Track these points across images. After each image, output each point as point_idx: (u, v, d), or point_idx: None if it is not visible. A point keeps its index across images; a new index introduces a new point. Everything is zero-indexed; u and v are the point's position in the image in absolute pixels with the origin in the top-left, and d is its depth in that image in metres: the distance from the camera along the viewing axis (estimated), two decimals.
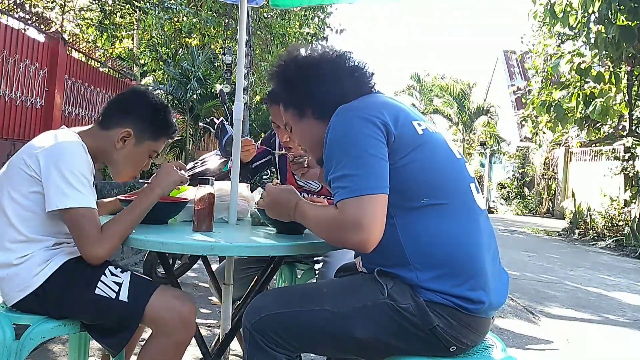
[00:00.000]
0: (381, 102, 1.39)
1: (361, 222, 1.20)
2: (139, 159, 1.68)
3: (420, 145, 1.32)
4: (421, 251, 1.27)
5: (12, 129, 5.44)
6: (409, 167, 1.29)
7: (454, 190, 1.33)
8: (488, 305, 1.29)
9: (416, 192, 1.29)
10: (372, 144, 1.27)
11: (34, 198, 1.47)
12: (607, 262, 7.23)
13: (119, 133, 1.61)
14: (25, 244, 1.48)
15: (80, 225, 1.42)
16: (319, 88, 1.43)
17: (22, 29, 5.84)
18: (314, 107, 1.45)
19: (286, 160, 2.38)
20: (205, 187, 1.57)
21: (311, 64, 1.47)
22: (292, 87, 1.48)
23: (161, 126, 1.68)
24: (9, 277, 1.47)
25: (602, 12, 7.22)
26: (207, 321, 3.23)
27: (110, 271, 1.51)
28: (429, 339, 1.26)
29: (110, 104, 1.70)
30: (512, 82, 20.26)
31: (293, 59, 1.50)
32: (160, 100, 1.72)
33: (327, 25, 14.20)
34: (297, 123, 1.50)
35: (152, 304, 1.47)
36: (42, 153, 1.45)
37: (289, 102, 1.51)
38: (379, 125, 1.29)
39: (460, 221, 1.30)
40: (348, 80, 1.44)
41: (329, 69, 1.45)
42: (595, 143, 11.22)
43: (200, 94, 9.82)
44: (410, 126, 1.34)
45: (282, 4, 2.74)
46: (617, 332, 3.70)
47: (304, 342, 1.32)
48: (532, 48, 11.72)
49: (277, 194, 1.48)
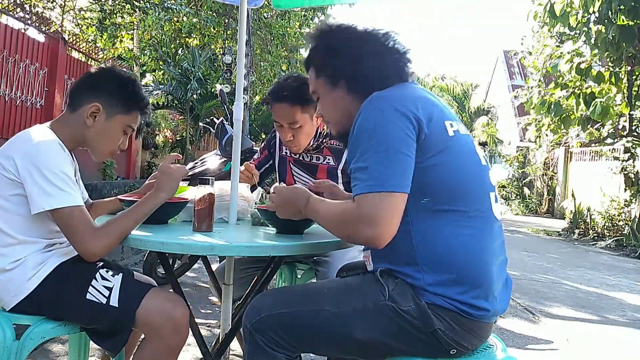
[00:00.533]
0: (418, 96, 1.35)
1: (377, 217, 1.19)
2: (112, 134, 1.64)
3: (448, 148, 1.29)
4: (432, 254, 1.26)
5: (12, 129, 5.43)
6: (433, 169, 1.27)
7: (474, 198, 1.31)
8: (492, 312, 1.29)
9: (435, 195, 1.27)
10: (402, 139, 1.24)
11: (16, 200, 1.45)
12: (607, 262, 7.23)
13: (87, 109, 1.58)
14: (17, 246, 1.47)
15: (71, 224, 1.41)
16: (362, 62, 1.38)
17: (22, 29, 5.84)
18: (350, 80, 1.41)
19: (286, 162, 2.37)
20: (205, 187, 1.56)
21: (359, 36, 1.42)
22: (334, 55, 1.42)
23: (131, 99, 1.64)
24: (2, 282, 1.46)
25: (602, 11, 7.21)
26: (207, 321, 3.23)
27: (101, 275, 1.50)
28: (430, 341, 1.26)
29: (76, 83, 1.66)
30: (512, 82, 20.27)
31: (341, 27, 1.45)
32: (128, 73, 1.69)
33: None
34: (328, 93, 1.46)
35: (143, 309, 1.45)
36: (18, 155, 1.44)
37: (325, 70, 1.45)
38: (412, 120, 1.25)
39: (475, 229, 1.28)
40: (391, 61, 1.40)
41: (375, 45, 1.41)
42: (595, 143, 11.21)
43: (201, 94, 9.83)
44: (442, 126, 1.31)
45: (284, 5, 2.76)
46: (617, 332, 3.69)
47: (304, 342, 1.31)
48: (531, 50, 11.73)
49: (288, 193, 1.47)
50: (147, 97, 1.71)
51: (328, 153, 2.27)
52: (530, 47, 11.86)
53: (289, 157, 2.35)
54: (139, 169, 9.82)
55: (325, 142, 2.27)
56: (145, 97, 1.69)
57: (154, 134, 11.10)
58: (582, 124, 9.28)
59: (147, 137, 10.54)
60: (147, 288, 1.52)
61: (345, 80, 1.42)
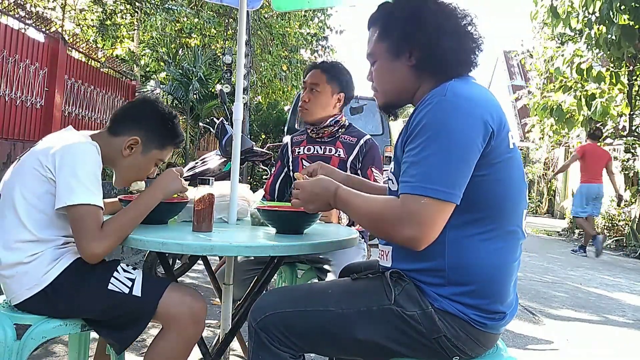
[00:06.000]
0: (491, 100, 1.26)
1: (422, 221, 1.14)
2: (144, 166, 1.71)
3: (505, 160, 1.23)
4: (461, 267, 1.23)
5: (12, 129, 5.43)
6: (484, 180, 1.21)
7: (512, 215, 1.27)
8: (502, 324, 1.29)
9: (477, 208, 1.22)
10: (469, 147, 1.16)
11: (46, 199, 1.48)
12: (607, 262, 7.23)
13: (127, 141, 1.63)
14: (35, 243, 1.48)
15: (83, 220, 1.42)
16: (440, 40, 1.26)
17: (22, 29, 5.84)
18: (419, 55, 1.30)
19: (298, 160, 2.40)
20: (205, 187, 1.57)
21: (443, 10, 1.30)
22: (411, 23, 1.29)
23: (169, 135, 1.71)
24: (18, 275, 1.47)
25: (603, 12, 7.21)
26: (207, 321, 3.21)
27: (122, 268, 1.54)
28: (433, 347, 1.25)
29: (120, 111, 1.73)
30: (512, 82, 20.27)
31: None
32: (169, 109, 1.74)
33: (327, 26, 14.22)
34: (387, 61, 1.35)
35: (165, 299, 1.50)
36: (59, 153, 1.47)
37: (393, 35, 1.32)
38: (486, 129, 1.18)
39: (506, 245, 1.27)
40: (469, 48, 1.30)
41: (456, 25, 1.30)
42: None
43: (201, 94, 9.83)
44: (506, 138, 1.23)
45: (284, 7, 2.77)
46: (617, 332, 3.69)
47: (307, 342, 1.31)
48: (532, 51, 11.74)
49: (312, 186, 1.40)
50: (182, 133, 1.77)
51: (340, 146, 2.34)
52: (531, 48, 11.88)
53: (301, 155, 2.41)
54: None
55: (340, 133, 2.36)
56: (182, 134, 1.76)
57: None
58: (585, 125, 9.28)
59: None
60: (167, 281, 1.57)
61: (413, 55, 1.31)
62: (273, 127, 15.33)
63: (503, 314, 1.28)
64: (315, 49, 14.98)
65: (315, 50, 15.08)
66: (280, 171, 2.49)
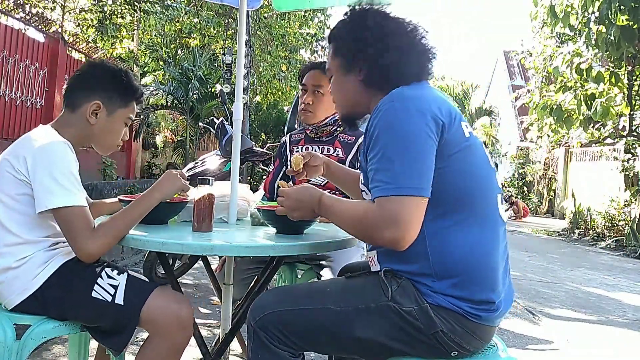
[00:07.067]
0: (439, 97, 1.31)
1: (399, 220, 1.18)
2: (115, 128, 1.67)
3: (463, 149, 1.27)
4: (444, 259, 1.25)
5: (12, 129, 5.44)
6: (446, 171, 1.25)
7: (484, 201, 1.30)
8: (496, 315, 1.29)
9: (446, 199, 1.25)
10: (424, 141, 1.21)
11: (24, 200, 1.46)
12: (607, 262, 7.23)
13: (89, 108, 1.60)
14: (23, 245, 1.47)
15: (71, 222, 1.41)
16: (384, 57, 1.33)
17: (22, 29, 5.84)
18: (366, 71, 1.37)
19: None
20: (205, 187, 1.57)
21: (390, 26, 1.36)
22: (359, 40, 1.36)
23: (127, 91, 1.67)
24: (8, 280, 1.46)
25: (603, 12, 7.22)
26: (207, 321, 3.23)
27: (107, 273, 1.50)
28: (431, 342, 1.25)
29: (71, 82, 1.67)
30: (512, 82, 20.28)
31: (376, 11, 1.39)
32: (118, 66, 1.71)
33: (327, 26, 14.21)
34: (340, 76, 1.43)
35: (149, 307, 1.46)
36: (30, 155, 1.45)
37: (344, 52, 1.40)
38: (438, 122, 1.23)
39: (484, 233, 1.28)
40: (414, 58, 1.35)
41: (402, 39, 1.35)
42: (595, 143, 11.22)
43: (201, 94, 9.83)
44: (460, 128, 1.28)
45: (285, 7, 2.77)
46: (617, 332, 3.70)
47: (306, 341, 1.32)
48: (532, 51, 11.74)
49: (297, 194, 1.43)
50: (140, 86, 1.73)
51: (338, 145, 2.33)
52: (531, 47, 11.88)
53: None
54: (139, 169, 9.82)
55: (338, 132, 2.35)
56: (140, 87, 1.72)
57: (154, 134, 11.10)
58: (584, 125, 9.29)
59: (147, 137, 10.54)
60: (152, 287, 1.52)
61: (361, 70, 1.38)
62: (273, 127, 15.34)
63: (494, 303, 1.28)
64: (315, 49, 14.99)
65: (315, 51, 15.08)
66: (279, 170, 2.48)
